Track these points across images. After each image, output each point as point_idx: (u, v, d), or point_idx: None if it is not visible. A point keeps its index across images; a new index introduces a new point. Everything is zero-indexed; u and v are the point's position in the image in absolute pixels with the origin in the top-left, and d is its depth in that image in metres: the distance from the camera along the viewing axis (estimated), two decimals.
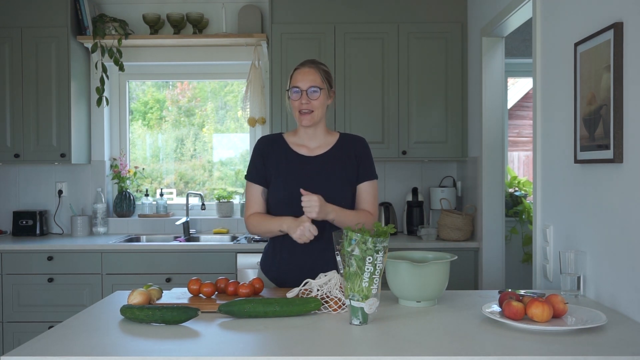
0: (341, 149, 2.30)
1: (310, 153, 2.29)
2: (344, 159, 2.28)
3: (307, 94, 2.20)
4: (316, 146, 2.30)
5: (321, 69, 2.25)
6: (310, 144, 2.30)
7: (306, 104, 2.20)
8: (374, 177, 2.32)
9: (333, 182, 2.23)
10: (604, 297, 2.01)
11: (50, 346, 1.54)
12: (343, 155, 2.28)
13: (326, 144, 2.30)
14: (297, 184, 2.19)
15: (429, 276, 1.92)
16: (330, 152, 2.29)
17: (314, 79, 2.21)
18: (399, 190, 4.30)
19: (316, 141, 2.30)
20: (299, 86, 2.21)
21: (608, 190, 2.00)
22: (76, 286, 3.73)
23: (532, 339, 1.58)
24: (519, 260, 4.38)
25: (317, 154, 2.28)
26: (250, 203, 2.32)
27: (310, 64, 2.25)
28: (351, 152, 2.29)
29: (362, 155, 2.30)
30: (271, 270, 2.33)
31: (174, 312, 1.71)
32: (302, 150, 2.29)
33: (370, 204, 2.29)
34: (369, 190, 2.29)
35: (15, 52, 3.99)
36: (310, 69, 2.23)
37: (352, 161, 2.28)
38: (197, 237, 4.18)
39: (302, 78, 2.21)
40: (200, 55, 4.30)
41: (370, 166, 2.31)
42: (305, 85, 2.20)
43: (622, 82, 1.89)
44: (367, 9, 3.96)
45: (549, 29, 2.50)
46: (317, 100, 2.21)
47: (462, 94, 3.95)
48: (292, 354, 1.48)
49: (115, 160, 4.39)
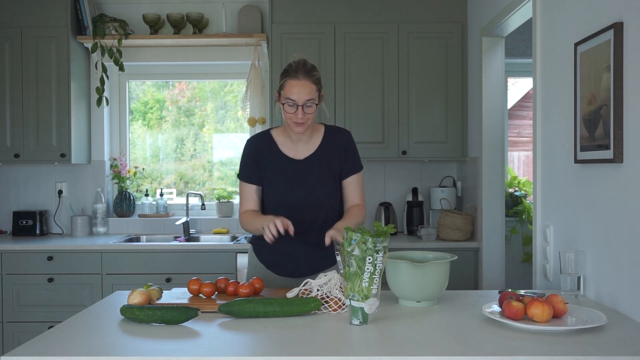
0: (328, 148, 2.32)
1: (298, 156, 2.30)
2: (330, 158, 2.31)
3: (303, 108, 2.16)
4: (303, 147, 2.31)
5: (315, 77, 2.19)
6: (298, 144, 2.31)
7: (302, 118, 2.18)
8: (359, 168, 2.35)
9: (321, 182, 2.28)
10: (604, 297, 2.01)
11: (50, 346, 1.54)
12: (330, 153, 2.31)
13: (313, 143, 2.32)
14: (287, 187, 2.26)
15: (429, 276, 1.92)
16: (317, 153, 2.31)
17: (310, 92, 2.16)
18: (399, 190, 4.30)
19: (302, 143, 2.31)
20: (294, 100, 2.15)
21: (608, 190, 2.00)
22: (76, 286, 3.73)
23: (532, 339, 1.58)
24: (519, 260, 4.38)
25: (305, 157, 2.30)
26: (243, 200, 2.35)
27: (305, 74, 2.16)
28: (337, 148, 2.32)
29: (347, 149, 2.33)
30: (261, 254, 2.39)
31: (174, 312, 1.71)
32: (290, 153, 2.30)
33: (359, 196, 2.34)
34: (356, 182, 2.34)
35: (15, 52, 3.99)
36: (305, 81, 2.16)
37: (338, 157, 2.31)
38: (197, 237, 4.18)
39: (298, 91, 2.15)
40: (200, 55, 4.30)
41: (355, 159, 2.34)
42: (302, 100, 2.15)
43: (622, 82, 1.89)
44: (367, 9, 3.96)
45: (549, 29, 2.50)
46: (311, 113, 2.20)
47: (462, 94, 3.95)
48: (292, 354, 1.48)
49: (115, 160, 4.39)
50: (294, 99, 2.15)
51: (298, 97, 2.15)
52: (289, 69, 2.20)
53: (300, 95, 2.15)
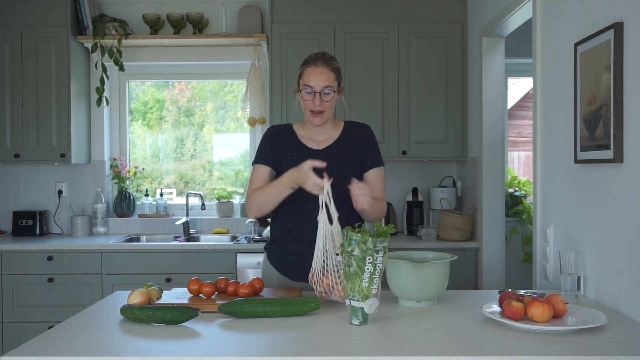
0: (347, 139, 2.31)
1: (317, 146, 2.30)
2: (349, 149, 2.29)
3: (321, 95, 2.18)
4: (323, 139, 2.31)
5: (334, 66, 2.22)
6: (318, 137, 2.31)
7: (319, 105, 2.19)
8: (381, 164, 2.32)
9: (340, 173, 2.20)
10: (604, 297, 2.01)
11: (50, 346, 1.54)
12: (349, 144, 2.29)
13: (333, 135, 2.32)
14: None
15: (429, 276, 1.92)
16: (337, 143, 2.30)
17: (328, 78, 2.18)
18: (399, 190, 4.30)
19: (324, 134, 2.31)
20: (312, 86, 2.18)
21: (608, 190, 2.00)
22: (76, 286, 3.73)
23: (532, 339, 1.58)
24: (519, 260, 4.38)
25: (324, 147, 2.29)
26: (254, 181, 2.28)
27: (323, 62, 2.20)
28: (357, 140, 2.30)
29: (368, 142, 2.31)
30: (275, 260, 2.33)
31: (174, 312, 1.71)
32: (310, 144, 2.30)
33: (380, 191, 2.29)
34: (377, 177, 2.30)
35: (15, 52, 3.99)
36: (324, 68, 2.19)
37: (358, 149, 2.29)
38: (197, 237, 4.18)
39: (316, 78, 2.18)
40: (200, 55, 4.30)
41: (376, 153, 2.32)
42: (319, 86, 2.18)
43: (622, 82, 1.89)
44: (367, 9, 3.96)
45: (549, 29, 2.50)
46: (329, 101, 2.21)
47: (462, 94, 3.95)
48: (292, 354, 1.48)
49: (115, 160, 4.39)
50: (311, 85, 2.18)
51: (316, 83, 2.17)
52: (308, 58, 2.24)
53: (317, 82, 2.17)
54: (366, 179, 2.29)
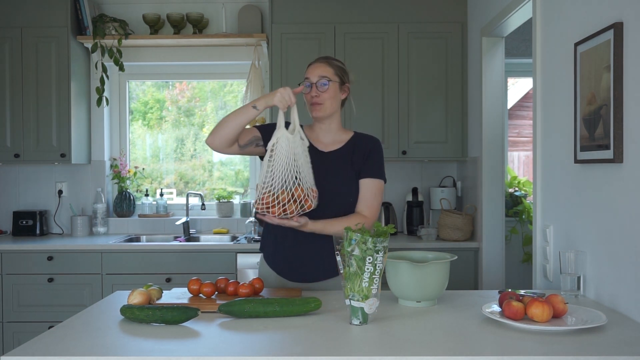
0: (353, 148, 2.31)
1: (324, 148, 2.31)
2: (354, 157, 2.29)
3: (317, 86, 2.23)
4: (330, 142, 2.31)
5: (334, 63, 2.29)
6: (324, 139, 2.32)
7: (315, 96, 2.23)
8: (378, 176, 2.28)
9: (342, 178, 2.25)
10: (604, 297, 2.01)
11: (50, 346, 1.54)
12: (354, 153, 2.29)
13: (339, 141, 2.32)
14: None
15: (429, 276, 1.92)
16: (343, 150, 2.30)
17: (324, 70, 2.25)
18: (399, 190, 4.30)
19: (330, 137, 2.32)
20: (309, 78, 2.26)
21: (608, 190, 2.00)
22: (76, 286, 3.73)
23: (532, 339, 1.58)
24: (519, 260, 4.38)
25: (330, 150, 2.30)
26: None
27: (322, 59, 2.31)
28: (362, 150, 2.30)
29: (371, 152, 2.30)
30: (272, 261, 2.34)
31: (174, 312, 1.71)
32: (317, 144, 2.31)
33: (368, 202, 2.24)
34: (369, 187, 2.26)
35: (15, 52, 3.99)
36: (321, 63, 2.28)
37: (360, 159, 2.29)
38: (197, 237, 4.18)
39: (313, 71, 2.27)
40: (200, 55, 4.30)
41: (375, 164, 2.29)
42: (315, 77, 2.24)
43: (622, 82, 1.89)
44: (367, 9, 3.96)
45: (549, 29, 2.50)
46: (326, 92, 2.23)
47: (462, 94, 3.95)
48: (292, 354, 1.48)
49: (115, 160, 4.39)
50: (308, 76, 2.27)
51: (312, 75, 2.26)
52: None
53: (314, 74, 2.26)
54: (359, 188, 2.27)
